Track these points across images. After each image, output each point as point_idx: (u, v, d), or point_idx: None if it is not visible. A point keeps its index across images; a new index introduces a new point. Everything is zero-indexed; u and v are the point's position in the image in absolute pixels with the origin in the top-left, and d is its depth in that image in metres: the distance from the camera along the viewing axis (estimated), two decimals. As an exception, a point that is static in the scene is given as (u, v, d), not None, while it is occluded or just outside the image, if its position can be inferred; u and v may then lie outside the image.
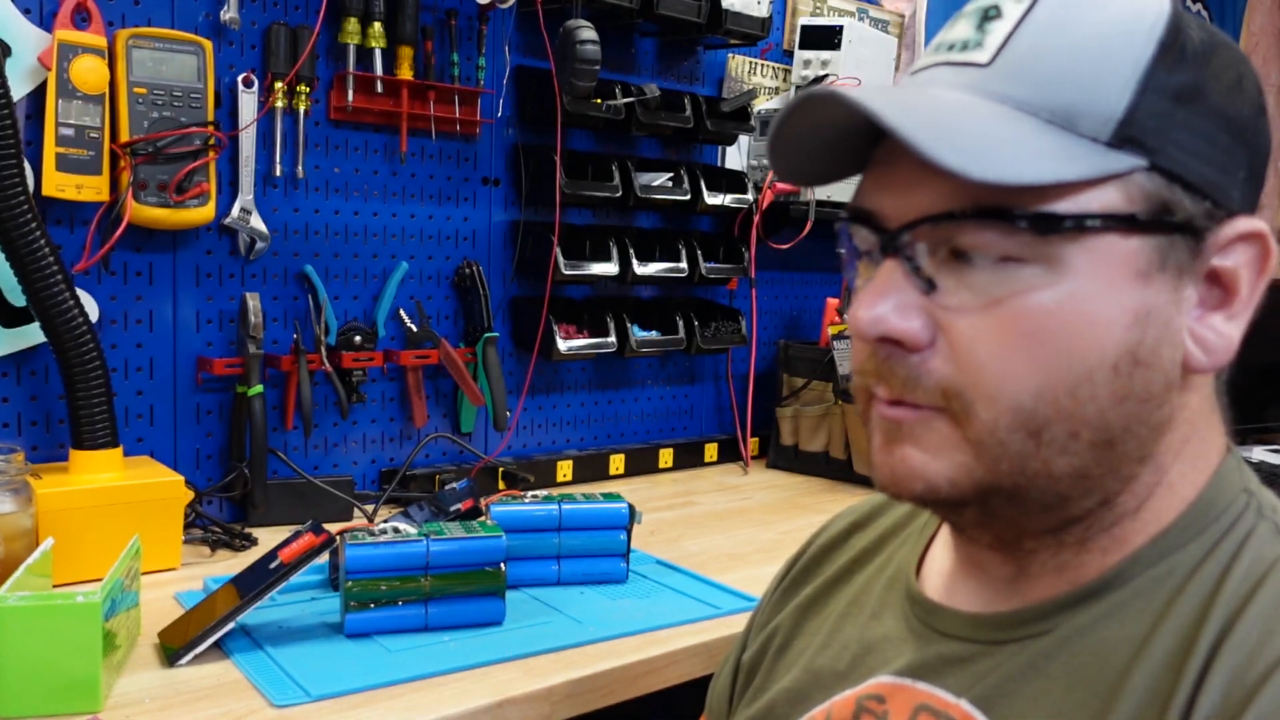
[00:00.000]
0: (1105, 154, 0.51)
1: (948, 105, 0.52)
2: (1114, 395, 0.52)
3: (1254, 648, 0.49)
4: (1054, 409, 0.52)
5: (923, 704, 0.59)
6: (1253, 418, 2.39)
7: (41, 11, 1.35)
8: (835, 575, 0.73)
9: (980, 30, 0.54)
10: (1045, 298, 0.51)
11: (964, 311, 0.52)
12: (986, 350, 0.51)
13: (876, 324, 0.53)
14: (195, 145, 1.42)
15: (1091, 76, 0.51)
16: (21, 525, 1.18)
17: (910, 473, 0.55)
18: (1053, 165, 0.50)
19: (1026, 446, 0.52)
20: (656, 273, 1.90)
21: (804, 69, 2.04)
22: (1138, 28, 0.52)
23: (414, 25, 1.61)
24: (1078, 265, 0.51)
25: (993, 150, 0.49)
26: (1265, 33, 3.51)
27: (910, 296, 0.53)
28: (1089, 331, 0.51)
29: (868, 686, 0.63)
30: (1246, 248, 0.54)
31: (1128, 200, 0.51)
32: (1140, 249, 0.51)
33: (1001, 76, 0.53)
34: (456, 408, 1.78)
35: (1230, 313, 0.54)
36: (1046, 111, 0.51)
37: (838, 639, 0.68)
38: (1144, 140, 0.51)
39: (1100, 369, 0.51)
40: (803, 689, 0.68)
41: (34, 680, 0.93)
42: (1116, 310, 0.51)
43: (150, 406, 1.48)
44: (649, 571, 1.40)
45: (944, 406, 0.53)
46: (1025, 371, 0.51)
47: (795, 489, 1.96)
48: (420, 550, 1.13)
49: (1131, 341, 0.52)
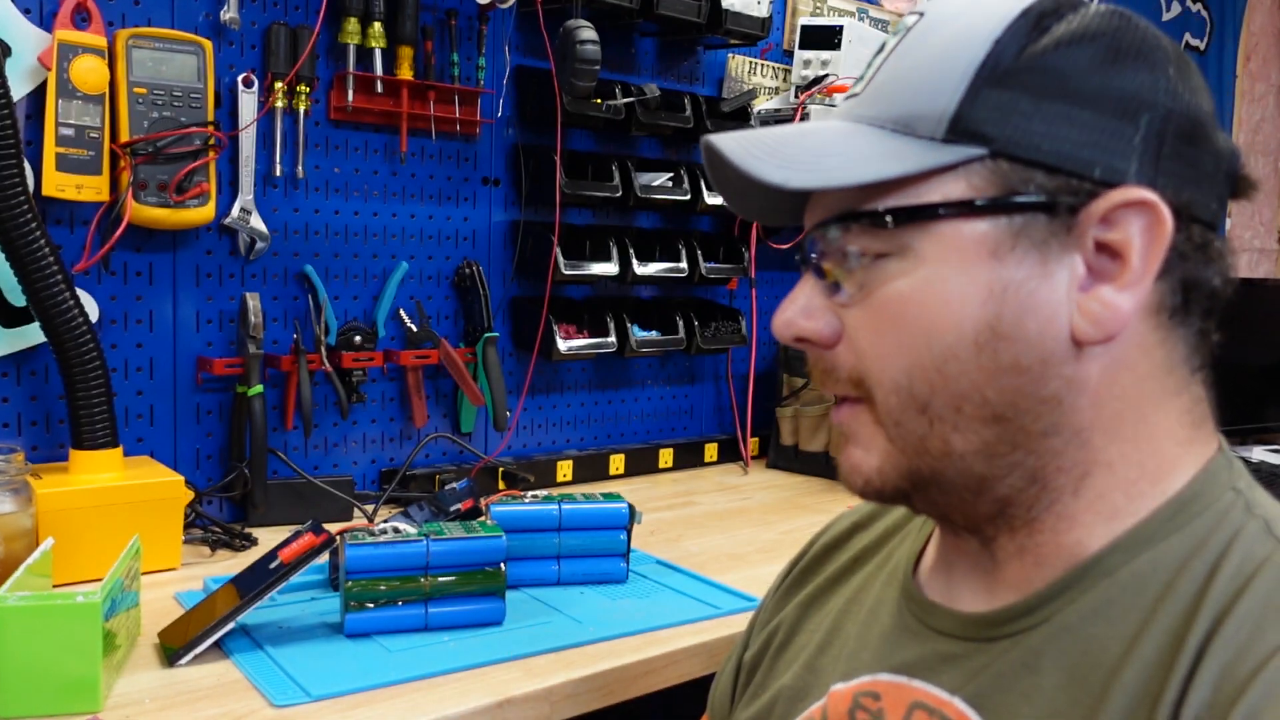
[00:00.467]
0: (939, 149, 0.55)
1: (804, 133, 0.59)
2: (982, 369, 0.55)
3: (1244, 644, 0.49)
4: (928, 386, 0.56)
5: (917, 701, 0.59)
6: (1253, 418, 2.39)
7: (41, 11, 1.35)
8: (836, 573, 0.74)
9: (870, 65, 0.61)
10: (902, 284, 0.56)
11: (851, 306, 0.58)
12: (866, 337, 0.57)
13: (787, 326, 0.60)
14: (195, 145, 1.42)
15: (927, 84, 0.56)
16: (21, 525, 1.18)
17: (852, 469, 0.61)
18: (880, 165, 0.55)
19: (920, 424, 0.57)
20: (656, 273, 1.90)
21: (804, 69, 2.04)
22: (977, 34, 0.56)
23: (414, 25, 1.61)
24: (927, 252, 0.55)
25: (823, 163, 0.56)
26: (1265, 33, 3.51)
27: (815, 300, 0.60)
28: (944, 310, 0.55)
29: (863, 683, 0.63)
30: (1136, 217, 0.53)
31: (969, 188, 0.54)
32: (989, 230, 0.54)
33: (865, 101, 0.59)
34: (456, 408, 1.78)
35: (1121, 283, 0.54)
36: (890, 122, 0.57)
37: (837, 636, 0.69)
38: (982, 131, 0.54)
39: (961, 344, 0.55)
40: (802, 686, 0.69)
41: (34, 680, 0.93)
42: (970, 289, 0.54)
43: (150, 406, 1.48)
44: (649, 571, 1.40)
45: (859, 396, 0.59)
46: (895, 353, 0.56)
47: (795, 489, 1.96)
48: (420, 550, 1.13)
49: (989, 316, 0.54)
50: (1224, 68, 3.37)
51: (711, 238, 2.03)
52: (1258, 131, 3.51)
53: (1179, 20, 3.18)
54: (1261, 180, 3.56)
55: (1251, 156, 3.49)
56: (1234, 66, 3.40)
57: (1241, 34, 3.42)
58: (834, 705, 0.64)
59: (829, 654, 0.68)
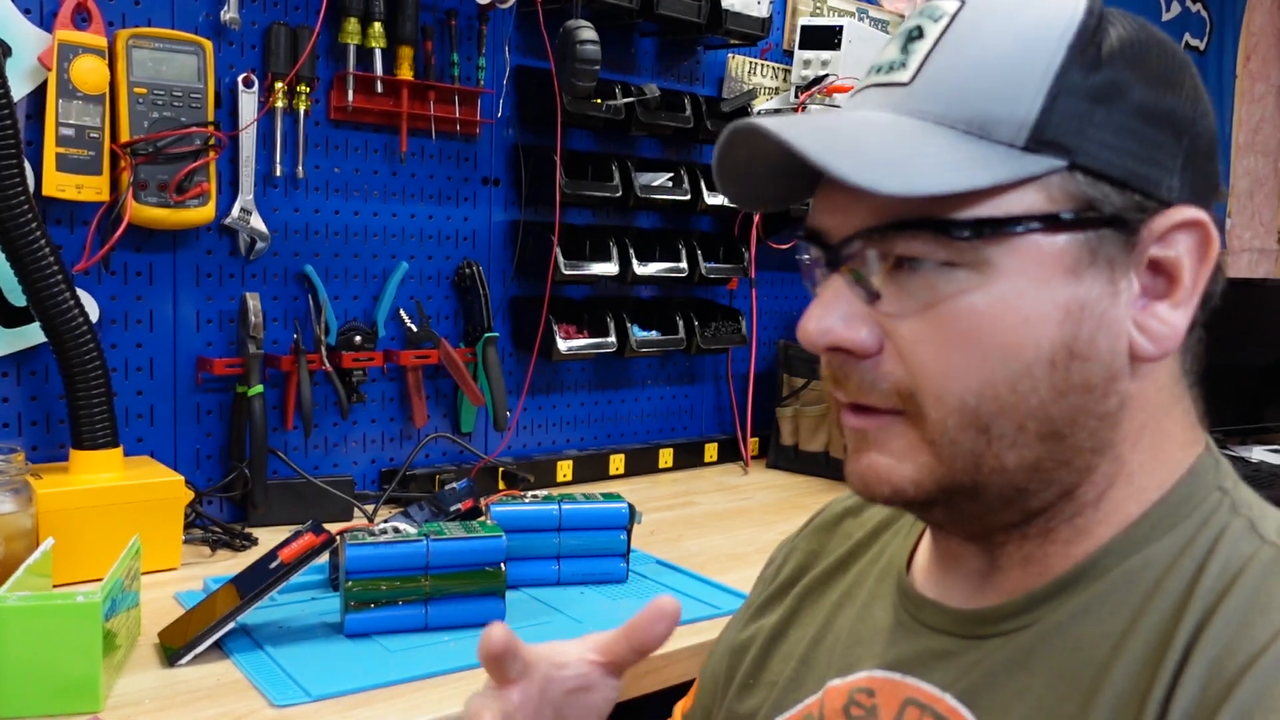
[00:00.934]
0: (1021, 158, 0.53)
1: (865, 126, 0.55)
2: (1054, 388, 0.54)
3: (1230, 641, 0.50)
4: (997, 405, 0.54)
5: (910, 698, 0.60)
6: (1253, 418, 2.39)
7: (41, 11, 1.35)
8: (830, 566, 0.75)
9: (904, 51, 0.57)
10: (976, 299, 0.53)
11: (904, 317, 0.54)
12: (927, 352, 0.54)
13: (824, 335, 0.56)
14: (195, 145, 1.42)
15: (1004, 85, 0.53)
16: (21, 525, 1.18)
17: (877, 478, 0.57)
18: (966, 174, 0.52)
19: (978, 443, 0.54)
20: (656, 273, 1.90)
21: (804, 69, 2.04)
22: (1049, 34, 0.54)
23: (414, 25, 1.61)
24: (1005, 266, 0.53)
25: (904, 165, 0.52)
26: (1265, 33, 3.51)
27: (856, 307, 0.56)
28: (1022, 328, 0.53)
29: (858, 679, 0.64)
30: (1186, 236, 0.54)
31: (1049, 200, 0.53)
32: (1068, 246, 0.53)
33: (920, 94, 0.55)
34: (456, 408, 1.78)
35: (1175, 301, 0.55)
36: (963, 123, 0.54)
37: (831, 630, 0.69)
38: (1061, 141, 0.53)
39: (1037, 364, 0.53)
40: (796, 678, 0.69)
41: (34, 680, 0.93)
42: (1048, 306, 0.53)
43: (150, 406, 1.48)
44: (649, 571, 1.40)
45: (901, 409, 0.56)
46: (965, 370, 0.53)
47: (795, 489, 1.96)
48: (420, 550, 1.13)
49: (1066, 336, 0.53)
50: (1224, 68, 3.37)
51: (711, 238, 2.03)
52: (1258, 131, 3.51)
53: (1179, 20, 3.18)
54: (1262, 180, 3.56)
55: (1251, 156, 3.49)
56: (1234, 66, 3.40)
57: (1241, 34, 3.42)
58: (830, 701, 0.65)
59: (823, 647, 0.69)
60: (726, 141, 0.57)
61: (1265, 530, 0.55)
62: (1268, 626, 0.49)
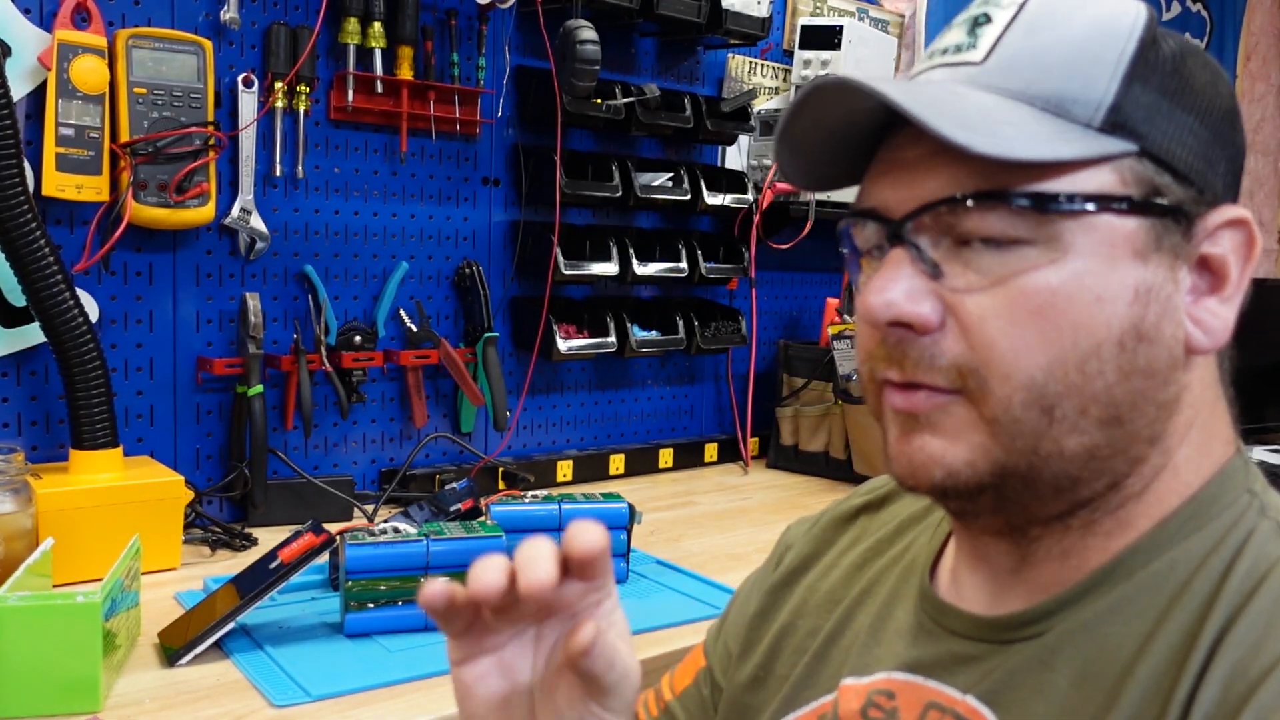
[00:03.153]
0: (1098, 138, 0.53)
1: (949, 93, 0.55)
2: (1120, 371, 0.53)
3: (1255, 644, 0.50)
4: (1064, 384, 0.53)
5: (932, 701, 0.59)
6: (1253, 418, 2.39)
7: (41, 11, 1.35)
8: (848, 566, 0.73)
9: (972, 35, 0.58)
10: (1050, 275, 0.53)
11: (971, 292, 0.54)
12: (996, 327, 0.53)
13: (888, 308, 0.54)
14: (195, 145, 1.42)
15: (1080, 67, 0.54)
16: (21, 525, 1.18)
17: (929, 460, 0.56)
18: (1051, 145, 0.52)
19: (1040, 424, 0.53)
20: (656, 273, 1.90)
21: (804, 69, 2.04)
22: (1120, 25, 0.55)
23: (414, 25, 1.61)
24: (1079, 244, 0.53)
25: (995, 129, 0.52)
26: (1265, 33, 3.51)
27: (918, 282, 0.54)
28: (1095, 307, 0.53)
29: (877, 680, 0.63)
30: (1233, 234, 0.56)
31: (1121, 182, 0.53)
32: (1137, 229, 0.54)
33: (994, 71, 0.55)
34: (456, 408, 1.78)
35: (1223, 296, 0.56)
36: (1040, 100, 0.54)
37: (849, 628, 0.69)
38: (1133, 127, 0.54)
39: (1107, 344, 0.53)
40: (808, 675, 0.68)
41: (34, 680, 0.93)
42: (1118, 287, 0.53)
43: (150, 406, 1.48)
44: (649, 571, 1.40)
45: (960, 387, 0.54)
46: (1036, 347, 0.53)
47: (795, 489, 1.96)
48: (420, 550, 1.13)
49: (1135, 317, 0.53)
50: (1224, 68, 3.37)
51: (711, 238, 2.03)
52: (1258, 131, 3.52)
53: (1179, 20, 3.18)
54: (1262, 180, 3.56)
55: (1252, 156, 3.49)
56: (1234, 66, 3.40)
57: (1241, 34, 3.42)
58: (846, 701, 0.64)
59: (839, 645, 0.68)
60: (801, 99, 0.56)
61: None
62: None
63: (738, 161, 2.12)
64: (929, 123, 0.50)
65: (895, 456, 0.58)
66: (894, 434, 0.58)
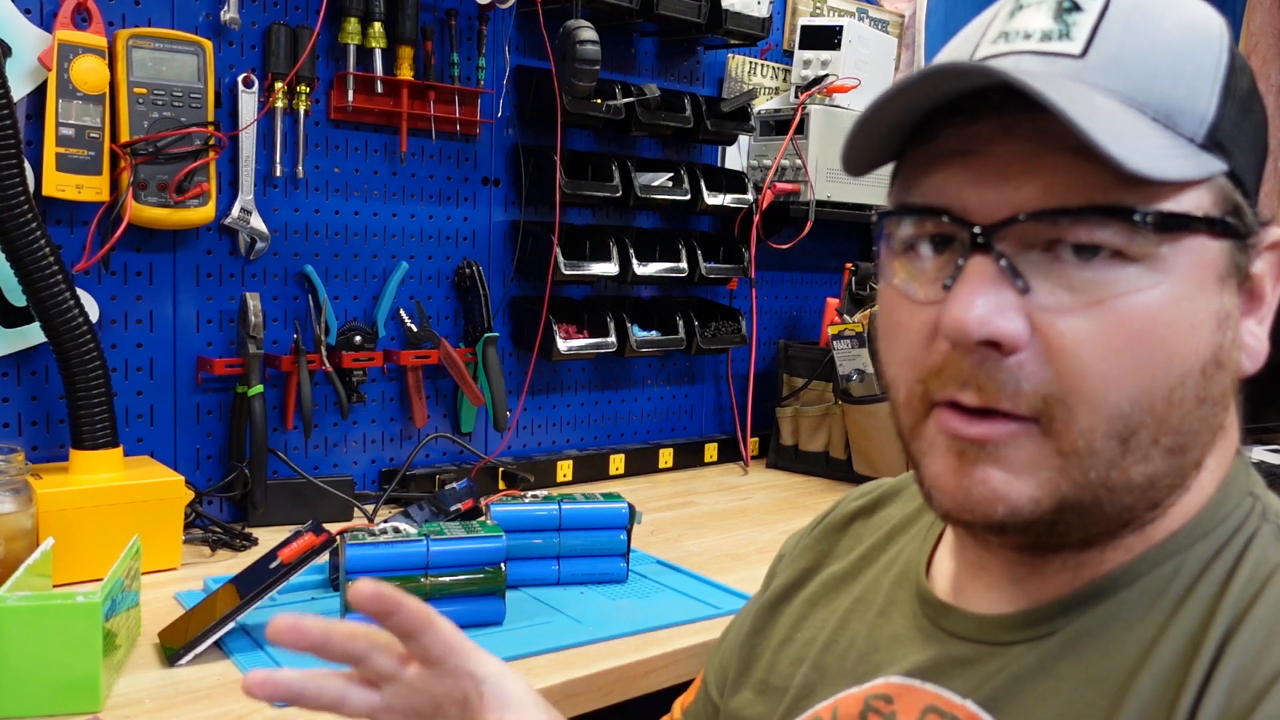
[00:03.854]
0: (1201, 156, 0.50)
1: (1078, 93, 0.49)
2: (1198, 399, 0.52)
3: (1257, 653, 0.49)
4: (1149, 413, 0.50)
5: (930, 705, 0.58)
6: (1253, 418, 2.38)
7: (42, 11, 1.35)
8: (842, 571, 0.73)
9: (1061, 21, 0.53)
10: (1150, 298, 0.49)
11: (1063, 312, 0.50)
12: (1091, 353, 0.49)
13: (983, 325, 0.49)
14: (195, 145, 1.42)
15: (1184, 74, 0.51)
16: (21, 525, 1.18)
17: (991, 495, 0.52)
18: (1174, 163, 0.49)
19: (1115, 454, 0.51)
20: (656, 273, 1.90)
21: (804, 69, 2.04)
22: (1210, 33, 0.52)
23: (414, 25, 1.61)
24: (1176, 266, 0.50)
25: (1135, 141, 0.48)
26: (1265, 33, 3.51)
27: (1007, 297, 0.50)
28: (1189, 334, 0.50)
29: (875, 686, 0.62)
30: (1271, 255, 0.55)
31: (1214, 203, 0.51)
32: (1221, 252, 0.52)
33: (1099, 69, 0.51)
34: (456, 408, 1.78)
35: (1259, 317, 0.55)
36: (1151, 108, 0.50)
37: (844, 635, 0.68)
38: (1226, 144, 0.51)
39: (1193, 372, 0.51)
40: (807, 684, 0.68)
41: (34, 680, 0.93)
42: (1205, 312, 0.51)
43: (150, 406, 1.48)
44: (649, 571, 1.40)
45: (1039, 415, 0.50)
46: (1130, 375, 0.49)
47: (795, 489, 1.96)
48: (420, 550, 1.13)
49: (1217, 344, 0.52)
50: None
51: (711, 238, 2.03)
52: (1258, 131, 3.51)
53: (1179, 20, 3.18)
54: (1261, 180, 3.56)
55: (1251, 156, 3.48)
56: (1234, 66, 3.40)
57: (1241, 34, 3.42)
58: (845, 708, 0.63)
59: (834, 652, 0.67)
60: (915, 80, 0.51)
61: None
62: None
63: (738, 161, 2.12)
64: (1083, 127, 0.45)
65: (948, 489, 0.53)
66: (946, 462, 0.53)
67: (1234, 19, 3.38)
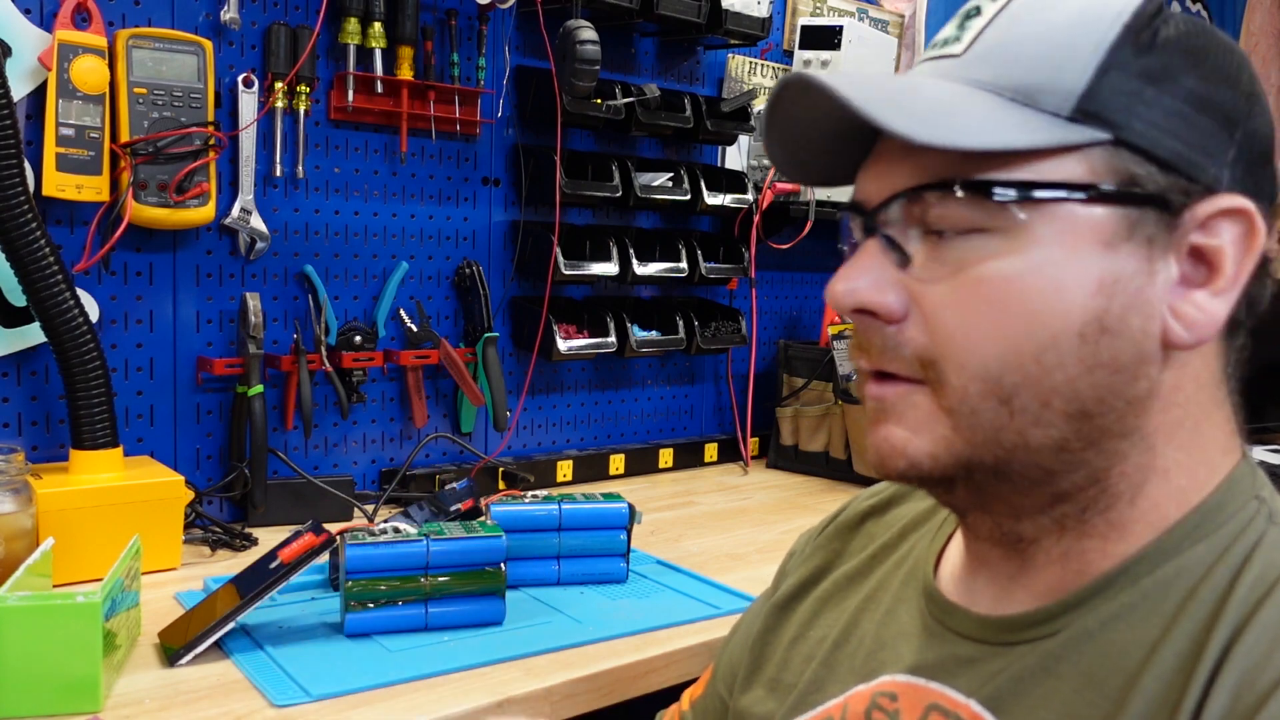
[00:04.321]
0: (1065, 126, 0.53)
1: (913, 87, 0.55)
2: (1082, 363, 0.53)
3: (1263, 655, 0.49)
4: (1021, 375, 0.53)
5: (933, 703, 0.59)
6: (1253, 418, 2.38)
7: (41, 11, 1.35)
8: (854, 570, 0.73)
9: (960, 28, 0.58)
10: (1006, 265, 0.53)
11: (934, 282, 0.54)
12: (953, 317, 0.54)
13: (850, 295, 0.56)
14: (195, 145, 1.42)
15: (1054, 57, 0.54)
16: (21, 525, 1.18)
17: (893, 450, 0.57)
18: (1006, 134, 0.52)
19: (1000, 416, 0.54)
20: (656, 273, 1.90)
21: (804, 69, 2.04)
22: (1104, 14, 0.54)
23: (414, 25, 1.61)
24: (1040, 234, 0.53)
25: (946, 119, 0.52)
26: (1265, 33, 3.51)
27: (887, 272, 0.56)
28: (1053, 297, 0.52)
29: (881, 683, 0.63)
30: (1231, 225, 0.54)
31: (1090, 171, 0.53)
32: (1106, 218, 0.53)
33: (971, 63, 0.56)
34: (456, 408, 1.78)
35: (1215, 289, 0.54)
36: (1010, 90, 0.54)
37: (854, 633, 0.68)
38: (1107, 115, 0.53)
39: (1065, 335, 0.53)
40: (817, 680, 0.68)
41: (34, 680, 0.93)
42: (1081, 277, 0.52)
43: (150, 406, 1.48)
44: (649, 571, 1.40)
45: (922, 377, 0.55)
46: (990, 338, 0.53)
47: (795, 489, 1.96)
48: (420, 550, 1.13)
49: (1098, 308, 0.53)
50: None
51: (711, 238, 2.03)
52: (1258, 131, 3.51)
53: (1179, 20, 3.18)
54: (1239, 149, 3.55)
55: (1252, 156, 3.48)
56: (1234, 66, 3.40)
57: (1241, 34, 3.42)
58: (853, 704, 0.64)
59: (845, 651, 0.68)
60: (775, 96, 0.57)
61: None
62: None
63: (738, 161, 2.12)
64: (873, 115, 0.50)
65: (868, 446, 0.59)
66: (868, 422, 0.59)
67: (1234, 19, 3.38)
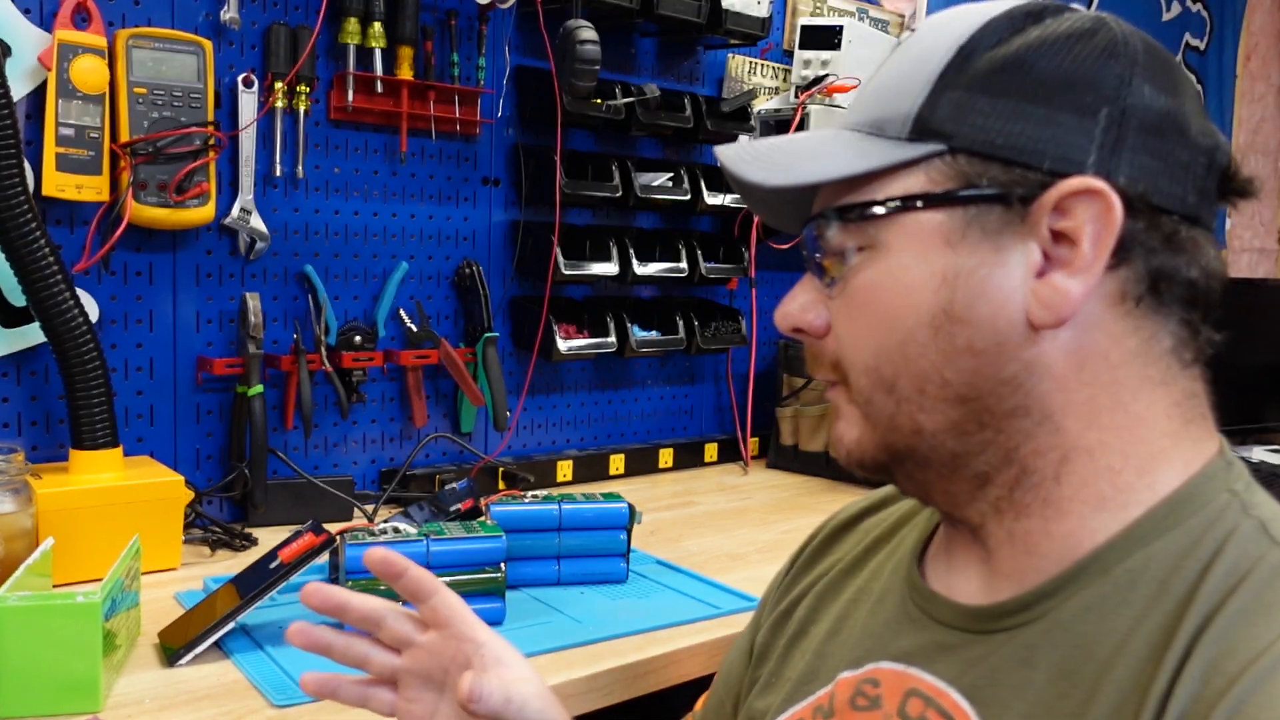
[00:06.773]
0: (903, 146, 0.59)
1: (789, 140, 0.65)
2: (940, 351, 0.58)
3: (1233, 640, 0.50)
4: (893, 367, 0.60)
5: (913, 688, 0.61)
6: (1253, 418, 2.39)
7: (41, 11, 1.35)
8: (849, 563, 0.76)
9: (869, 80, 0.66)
10: (870, 274, 0.60)
11: (836, 298, 0.62)
12: (843, 325, 0.62)
13: (784, 318, 0.65)
14: (195, 145, 1.42)
15: (899, 88, 0.60)
16: (21, 525, 1.18)
17: (837, 439, 0.66)
18: (851, 163, 0.60)
19: (888, 403, 0.60)
20: (656, 273, 1.90)
21: (804, 69, 2.04)
22: (942, 44, 0.59)
23: (414, 25, 1.61)
24: (892, 243, 0.59)
25: (805, 162, 0.62)
26: (1265, 33, 3.51)
27: (814, 294, 0.64)
28: (904, 295, 0.59)
29: (867, 670, 0.65)
30: (1087, 205, 0.55)
31: (929, 181, 0.58)
32: (944, 220, 0.57)
33: (851, 109, 0.64)
34: (456, 408, 1.78)
35: (1072, 269, 0.55)
36: (865, 125, 0.61)
37: (846, 625, 0.70)
38: (940, 128, 0.58)
39: (919, 328, 0.58)
40: (810, 671, 0.70)
41: (34, 680, 0.93)
42: (926, 275, 0.58)
43: (150, 406, 1.48)
44: (649, 571, 1.40)
45: (838, 379, 0.64)
46: (864, 337, 0.61)
47: (795, 489, 1.96)
48: (420, 550, 1.13)
49: (943, 300, 0.57)
50: (1224, 68, 3.37)
51: (711, 238, 2.03)
52: (1258, 131, 3.51)
53: (1179, 20, 3.18)
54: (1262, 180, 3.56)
55: (1251, 156, 3.48)
56: (1234, 66, 3.40)
57: (1241, 34, 3.42)
58: (840, 693, 0.66)
59: (837, 640, 0.70)
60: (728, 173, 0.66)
61: (1276, 532, 0.55)
62: (1272, 627, 0.50)
63: (738, 161, 2.11)
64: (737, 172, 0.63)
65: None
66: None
67: (1234, 19, 3.38)
